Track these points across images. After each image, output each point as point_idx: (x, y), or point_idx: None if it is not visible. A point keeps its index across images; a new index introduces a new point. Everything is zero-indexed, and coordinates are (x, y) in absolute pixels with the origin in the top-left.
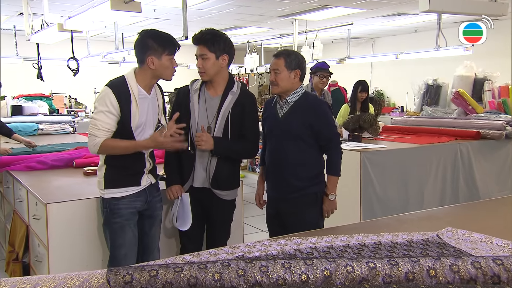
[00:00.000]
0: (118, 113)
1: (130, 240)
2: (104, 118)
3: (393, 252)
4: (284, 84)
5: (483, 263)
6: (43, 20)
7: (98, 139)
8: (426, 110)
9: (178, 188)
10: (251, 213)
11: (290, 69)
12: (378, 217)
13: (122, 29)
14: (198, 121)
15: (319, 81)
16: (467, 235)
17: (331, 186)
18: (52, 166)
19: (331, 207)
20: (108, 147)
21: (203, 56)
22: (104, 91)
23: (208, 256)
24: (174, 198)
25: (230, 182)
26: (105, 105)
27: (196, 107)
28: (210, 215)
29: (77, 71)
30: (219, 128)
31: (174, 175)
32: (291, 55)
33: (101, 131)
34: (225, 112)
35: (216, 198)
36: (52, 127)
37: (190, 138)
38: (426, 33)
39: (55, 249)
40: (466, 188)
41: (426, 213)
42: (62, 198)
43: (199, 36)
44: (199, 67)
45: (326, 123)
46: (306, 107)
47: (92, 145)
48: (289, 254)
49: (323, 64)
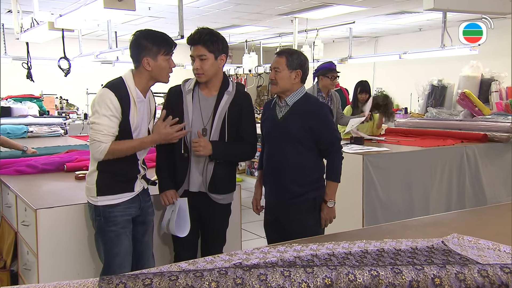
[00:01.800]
0: (120, 116)
1: (126, 248)
2: (108, 122)
3: (396, 259)
4: (284, 84)
5: (490, 271)
6: (33, 18)
7: (104, 145)
8: (430, 112)
9: (173, 193)
10: (249, 219)
11: (291, 69)
12: (381, 223)
13: (115, 27)
14: (192, 122)
15: (330, 82)
16: (474, 242)
17: (331, 192)
18: (42, 170)
19: (329, 215)
20: (116, 151)
21: (202, 57)
22: (105, 94)
23: (205, 263)
24: (169, 203)
25: (227, 185)
26: (108, 109)
27: (190, 108)
28: (206, 220)
29: (68, 71)
30: (215, 130)
31: (168, 179)
32: (293, 55)
33: (106, 136)
34: (221, 113)
35: (212, 202)
36: (42, 129)
37: (184, 141)
38: (431, 32)
39: (45, 256)
40: (473, 192)
41: (431, 219)
42: (52, 203)
43: (197, 37)
44: (197, 68)
45: (327, 127)
46: (307, 109)
47: (98, 152)
48: (288, 262)
49: (331, 64)
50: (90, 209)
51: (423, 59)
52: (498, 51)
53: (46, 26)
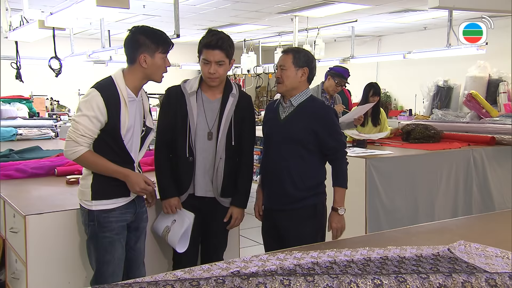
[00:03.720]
0: (105, 119)
1: (119, 256)
2: (88, 123)
3: (401, 267)
4: (290, 82)
5: (499, 280)
6: (23, 16)
7: (81, 148)
8: (436, 114)
9: (177, 202)
10: (247, 225)
11: (297, 67)
12: (384, 229)
13: (108, 26)
14: (197, 126)
15: (335, 87)
16: (481, 249)
17: (339, 199)
18: (31, 175)
19: (341, 223)
20: (87, 161)
21: (220, 63)
22: (91, 94)
23: (201, 272)
24: (172, 213)
25: (234, 188)
26: (91, 109)
27: (195, 111)
28: (211, 224)
29: (59, 72)
30: (222, 133)
31: (172, 185)
32: (300, 52)
33: (83, 137)
34: (228, 116)
35: (218, 206)
36: (32, 131)
37: (189, 145)
38: (436, 31)
39: (34, 265)
40: (480, 198)
41: (436, 225)
42: (42, 209)
43: (215, 41)
44: (213, 73)
45: (332, 131)
46: (312, 112)
47: (71, 152)
48: (288, 270)
49: (346, 71)
50: (83, 213)
51: (428, 59)
52: (506, 50)
53: (36, 25)
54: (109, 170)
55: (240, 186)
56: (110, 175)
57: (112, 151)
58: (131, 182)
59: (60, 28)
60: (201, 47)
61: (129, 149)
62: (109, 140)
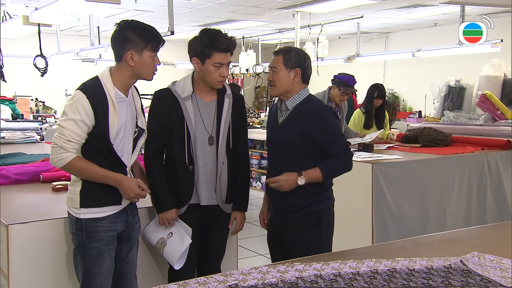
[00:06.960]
0: (92, 122)
1: (108, 268)
2: (74, 127)
3: (410, 280)
4: (282, 85)
5: None
6: (5, 11)
7: (68, 155)
8: (447, 116)
9: (174, 215)
10: (246, 234)
11: (288, 68)
12: (392, 239)
13: (98, 22)
14: (195, 131)
15: (340, 96)
16: (496, 262)
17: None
18: (15, 181)
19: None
20: (75, 168)
21: (228, 64)
22: (76, 96)
23: (197, 285)
24: (169, 226)
25: (234, 194)
26: (77, 113)
27: (193, 116)
28: (211, 231)
29: (45, 71)
30: (223, 137)
31: (169, 196)
32: (291, 52)
33: (70, 143)
34: (226, 118)
35: (222, 213)
36: (16, 135)
37: (189, 153)
38: (447, 27)
39: (17, 278)
40: (495, 205)
41: (448, 235)
42: (26, 218)
43: (232, 45)
44: (224, 76)
45: (329, 132)
46: (307, 114)
47: (58, 159)
48: (290, 283)
49: (351, 79)
50: (70, 222)
51: (439, 57)
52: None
53: (20, 20)
54: (100, 176)
55: (240, 189)
56: (101, 181)
57: (101, 156)
58: (124, 188)
59: (46, 24)
60: (213, 51)
61: (120, 153)
62: (97, 145)
